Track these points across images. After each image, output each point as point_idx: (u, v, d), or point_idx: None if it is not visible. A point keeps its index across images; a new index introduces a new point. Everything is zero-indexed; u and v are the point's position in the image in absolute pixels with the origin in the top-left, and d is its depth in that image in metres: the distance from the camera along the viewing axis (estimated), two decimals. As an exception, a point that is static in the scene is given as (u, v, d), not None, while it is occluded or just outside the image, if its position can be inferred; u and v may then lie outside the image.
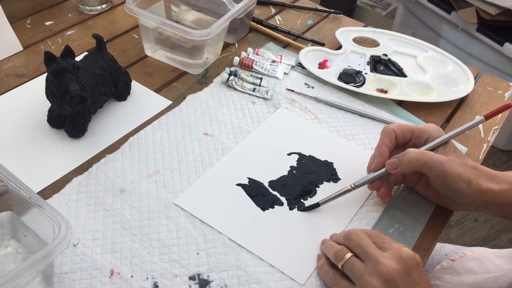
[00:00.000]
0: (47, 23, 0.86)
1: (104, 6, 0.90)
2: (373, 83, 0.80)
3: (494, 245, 1.61)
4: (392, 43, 0.89)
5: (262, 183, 0.64)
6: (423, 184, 0.63)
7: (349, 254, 0.53)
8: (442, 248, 0.84)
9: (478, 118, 0.62)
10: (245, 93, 0.76)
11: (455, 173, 0.56)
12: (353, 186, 0.61)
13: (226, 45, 0.86)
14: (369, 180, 0.61)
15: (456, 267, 0.75)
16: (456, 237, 1.63)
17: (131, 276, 0.53)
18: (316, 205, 0.61)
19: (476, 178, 0.57)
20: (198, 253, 0.56)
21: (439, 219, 0.63)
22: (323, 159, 0.68)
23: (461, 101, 0.81)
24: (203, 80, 0.78)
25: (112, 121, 0.70)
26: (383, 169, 0.61)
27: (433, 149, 0.60)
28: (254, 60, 0.81)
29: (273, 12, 0.96)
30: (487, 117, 0.61)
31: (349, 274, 0.52)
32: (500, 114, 0.78)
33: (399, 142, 0.62)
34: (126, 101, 0.73)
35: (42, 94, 0.64)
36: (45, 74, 0.63)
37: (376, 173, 0.61)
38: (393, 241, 0.54)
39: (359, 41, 0.89)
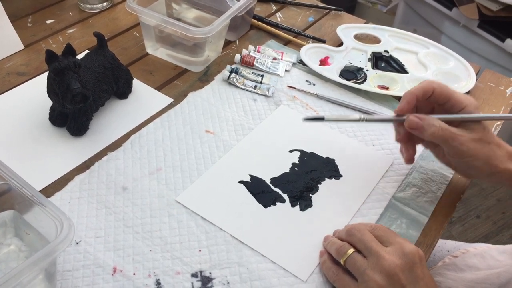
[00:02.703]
0: (48, 21, 0.86)
1: (105, 4, 0.90)
2: (374, 79, 0.80)
3: (496, 241, 1.61)
4: (393, 40, 0.89)
5: (264, 180, 0.64)
6: (442, 150, 0.62)
7: (351, 250, 0.53)
8: (444, 245, 0.84)
9: None
10: (246, 90, 0.76)
11: (471, 153, 0.57)
12: (362, 118, 0.61)
13: (227, 43, 0.86)
14: (381, 119, 0.62)
15: (458, 263, 0.75)
16: (458, 233, 1.63)
17: (134, 274, 0.53)
18: (321, 119, 0.62)
19: (493, 159, 0.57)
20: (200, 250, 0.56)
21: (441, 215, 0.63)
22: (324, 156, 0.68)
23: (462, 97, 0.81)
24: (204, 77, 0.78)
25: (113, 119, 0.70)
26: (404, 117, 0.60)
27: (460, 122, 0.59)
28: (255, 57, 0.81)
29: (274, 9, 0.96)
30: None
31: (351, 270, 0.52)
32: (501, 110, 0.78)
33: (432, 100, 0.60)
34: (127, 99, 0.73)
35: (43, 92, 0.65)
36: (47, 73, 0.63)
37: (392, 117, 0.61)
38: (397, 235, 0.54)
39: (360, 38, 0.89)
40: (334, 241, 0.55)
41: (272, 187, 0.63)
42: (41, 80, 0.73)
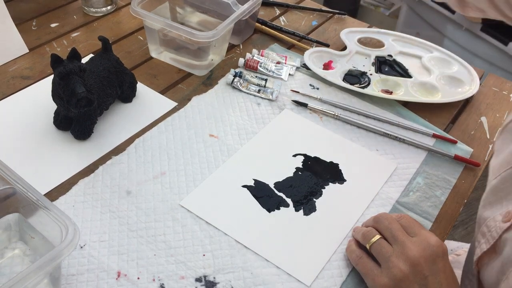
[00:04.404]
0: (53, 25, 0.87)
1: (109, 8, 0.91)
2: (378, 84, 0.80)
3: (499, 245, 1.60)
4: (397, 44, 0.89)
5: (268, 185, 0.64)
6: None
7: (377, 236, 0.54)
8: (447, 244, 0.84)
9: None
10: (250, 94, 0.76)
11: None
12: (337, 115, 0.73)
13: (231, 47, 0.86)
14: (353, 122, 0.73)
15: (461, 260, 0.75)
16: (461, 237, 1.63)
17: (138, 278, 0.53)
18: (305, 105, 0.75)
19: None
20: (204, 255, 0.56)
21: (445, 220, 0.63)
22: (328, 161, 0.68)
23: (466, 102, 0.81)
24: (208, 81, 0.79)
25: (118, 123, 0.70)
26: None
27: None
28: (258, 61, 0.81)
29: (278, 13, 0.96)
30: None
31: (376, 255, 0.54)
32: (506, 114, 0.78)
33: None
34: (131, 103, 0.73)
35: (48, 96, 0.65)
36: (51, 76, 0.63)
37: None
38: (423, 227, 0.55)
39: (363, 42, 0.89)
40: (361, 228, 0.58)
41: (276, 192, 0.63)
42: (46, 84, 0.73)
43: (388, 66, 0.84)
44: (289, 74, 0.81)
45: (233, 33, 0.82)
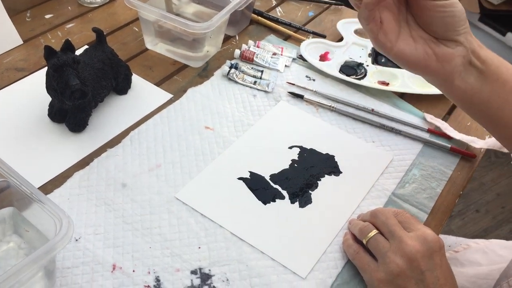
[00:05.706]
0: (47, 16, 0.86)
1: (104, -2, 0.90)
2: (374, 75, 0.80)
3: (495, 235, 1.61)
4: (394, 35, 0.88)
5: (264, 177, 0.64)
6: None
7: (374, 231, 0.54)
8: (445, 240, 0.84)
9: None
10: (246, 86, 0.76)
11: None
12: (333, 107, 0.73)
13: (227, 38, 0.85)
14: (349, 114, 0.71)
15: (460, 258, 0.75)
16: (458, 228, 1.63)
17: (133, 271, 0.53)
18: (301, 96, 0.73)
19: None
20: (199, 247, 0.56)
21: (441, 211, 0.63)
22: (324, 152, 0.67)
23: (463, 93, 0.80)
24: (204, 73, 0.78)
25: (113, 115, 0.70)
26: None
27: None
28: (255, 52, 0.80)
29: (274, 4, 0.96)
30: None
31: (373, 250, 0.54)
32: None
33: None
34: (126, 95, 0.73)
35: (42, 88, 0.64)
36: (45, 68, 0.63)
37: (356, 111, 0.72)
38: (419, 222, 0.56)
39: (360, 32, 0.89)
40: (358, 222, 0.58)
41: (272, 184, 0.63)
42: (40, 76, 0.72)
43: (384, 57, 0.84)
44: (285, 66, 0.81)
45: (229, 24, 0.82)
